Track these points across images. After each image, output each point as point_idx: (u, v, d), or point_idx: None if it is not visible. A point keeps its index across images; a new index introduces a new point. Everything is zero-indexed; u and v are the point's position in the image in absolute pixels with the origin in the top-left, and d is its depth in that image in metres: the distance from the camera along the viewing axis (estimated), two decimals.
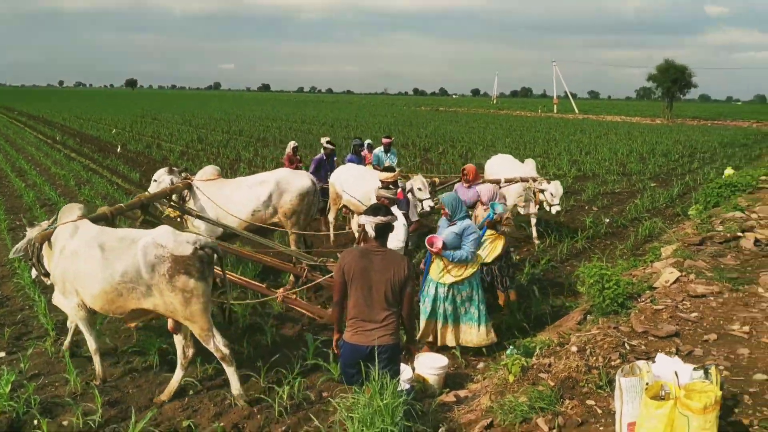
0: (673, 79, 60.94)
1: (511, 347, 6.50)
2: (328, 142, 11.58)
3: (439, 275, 6.54)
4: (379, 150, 12.17)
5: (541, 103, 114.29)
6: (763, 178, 14.10)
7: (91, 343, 5.83)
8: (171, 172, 8.61)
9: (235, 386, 5.46)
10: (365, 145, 12.36)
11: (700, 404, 3.00)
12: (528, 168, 11.27)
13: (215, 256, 5.51)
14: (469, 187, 8.87)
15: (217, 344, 5.35)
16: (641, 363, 3.53)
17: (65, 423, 5.21)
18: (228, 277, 6.41)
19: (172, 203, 8.05)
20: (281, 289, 6.84)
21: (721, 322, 5.20)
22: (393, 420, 3.71)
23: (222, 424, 5.13)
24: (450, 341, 6.62)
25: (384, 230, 4.54)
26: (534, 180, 10.63)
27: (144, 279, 5.22)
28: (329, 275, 6.79)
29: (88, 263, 5.37)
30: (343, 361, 4.61)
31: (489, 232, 7.37)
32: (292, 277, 7.91)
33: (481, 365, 6.34)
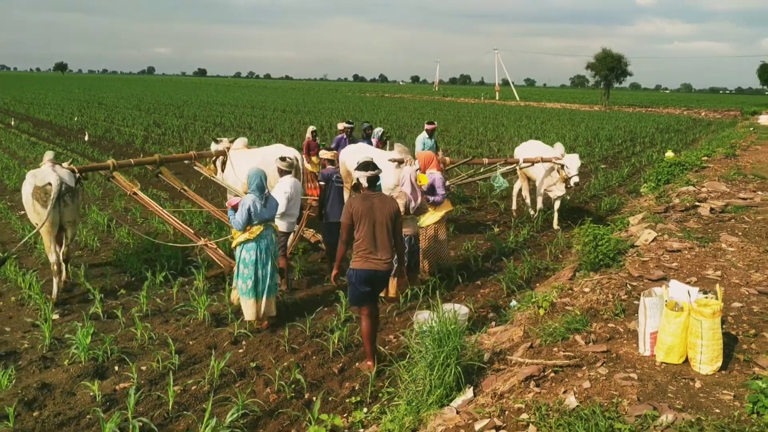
0: (609, 67, 63.74)
1: (513, 301, 7.56)
2: (348, 122, 12.87)
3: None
4: (422, 136, 12.77)
5: (481, 90, 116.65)
6: (705, 158, 15.68)
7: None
8: (216, 142, 10.33)
9: (54, 293, 7.42)
10: (377, 133, 12.62)
11: (710, 310, 4.03)
12: (557, 151, 11.32)
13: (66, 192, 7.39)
14: (423, 172, 8.53)
15: (51, 259, 7.45)
16: (656, 289, 4.56)
17: (144, 368, 5.91)
18: (164, 217, 8.59)
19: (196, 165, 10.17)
20: (205, 239, 8.34)
21: (697, 269, 6.33)
22: (460, 340, 4.63)
23: (285, 364, 5.95)
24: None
25: (374, 180, 5.91)
26: (557, 159, 10.94)
27: (29, 202, 7.39)
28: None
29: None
30: (356, 284, 5.78)
31: None
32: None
33: (491, 315, 7.32)
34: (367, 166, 5.91)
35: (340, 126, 12.85)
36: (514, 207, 12.65)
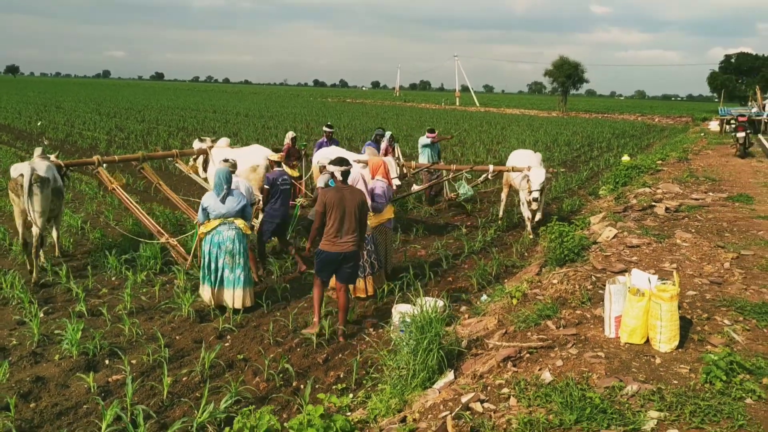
0: (567, 74, 65.25)
1: (484, 295, 7.95)
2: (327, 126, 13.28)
3: None
4: (424, 139, 13.68)
5: (441, 96, 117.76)
6: (659, 162, 16.44)
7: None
8: (201, 140, 10.71)
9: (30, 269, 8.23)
10: (386, 137, 12.79)
11: (668, 294, 4.48)
12: (535, 160, 11.20)
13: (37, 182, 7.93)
14: (372, 178, 8.62)
15: (20, 240, 8.33)
16: (620, 277, 5.00)
17: (134, 361, 6.11)
18: (136, 213, 9.12)
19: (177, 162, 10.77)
20: (168, 236, 8.78)
21: (655, 262, 6.83)
22: (441, 325, 5.00)
23: (272, 356, 6.22)
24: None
25: (346, 174, 6.71)
26: (529, 169, 10.68)
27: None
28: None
29: None
30: (322, 264, 6.66)
31: None
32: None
33: (463, 308, 7.70)
34: (342, 161, 6.74)
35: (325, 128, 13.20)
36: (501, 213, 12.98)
